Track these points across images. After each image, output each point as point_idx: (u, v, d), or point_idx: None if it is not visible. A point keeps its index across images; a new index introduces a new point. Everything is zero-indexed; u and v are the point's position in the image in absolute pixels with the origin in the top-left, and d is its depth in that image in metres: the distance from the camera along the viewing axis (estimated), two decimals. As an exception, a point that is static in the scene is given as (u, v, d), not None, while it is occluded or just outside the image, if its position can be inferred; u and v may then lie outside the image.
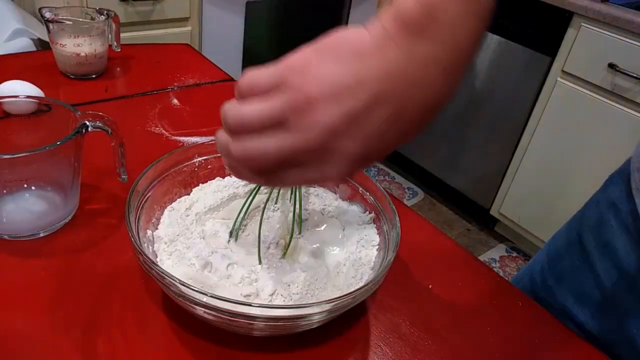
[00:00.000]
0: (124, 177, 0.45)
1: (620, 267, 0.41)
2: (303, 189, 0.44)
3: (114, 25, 0.69)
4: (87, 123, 0.40)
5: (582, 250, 0.45)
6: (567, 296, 0.46)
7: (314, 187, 0.46)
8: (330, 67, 0.24)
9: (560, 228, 0.51)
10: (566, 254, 0.47)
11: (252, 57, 1.50)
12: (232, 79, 0.75)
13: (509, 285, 0.45)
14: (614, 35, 1.23)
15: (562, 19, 1.32)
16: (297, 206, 0.41)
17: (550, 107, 1.40)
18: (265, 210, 0.41)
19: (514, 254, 1.65)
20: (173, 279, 0.31)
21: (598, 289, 0.43)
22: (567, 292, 0.46)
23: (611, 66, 1.24)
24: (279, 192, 0.43)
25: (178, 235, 0.39)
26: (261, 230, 0.39)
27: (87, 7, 0.79)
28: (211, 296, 0.30)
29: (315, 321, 0.33)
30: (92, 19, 0.67)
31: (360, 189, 0.44)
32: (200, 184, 0.44)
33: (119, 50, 0.72)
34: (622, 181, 0.43)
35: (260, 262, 0.38)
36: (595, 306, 0.43)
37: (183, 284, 0.30)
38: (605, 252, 0.43)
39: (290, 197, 0.43)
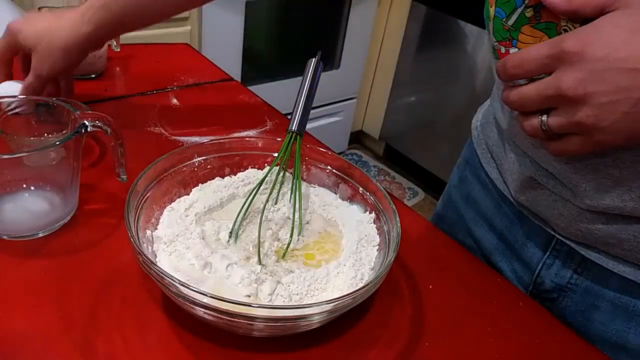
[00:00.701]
0: (123, 177, 0.45)
1: (481, 213, 0.51)
2: (303, 189, 0.44)
3: (113, 25, 0.68)
4: (87, 123, 0.40)
5: (454, 206, 0.55)
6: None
7: (314, 187, 0.46)
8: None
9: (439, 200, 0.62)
10: (443, 211, 0.58)
11: (252, 56, 1.50)
12: (231, 79, 0.75)
13: (509, 285, 0.45)
14: (614, 34, 1.22)
15: (562, 19, 1.32)
16: (297, 206, 0.41)
17: (550, 106, 1.39)
18: (265, 210, 0.41)
19: (514, 254, 1.65)
20: (172, 279, 0.31)
21: (469, 235, 0.52)
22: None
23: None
24: (278, 192, 0.43)
25: (177, 235, 0.38)
26: (261, 231, 0.39)
27: (86, 7, 0.79)
28: (211, 297, 0.30)
29: (315, 321, 0.33)
30: (92, 18, 0.67)
31: (361, 189, 0.44)
32: (200, 184, 0.44)
33: (119, 50, 0.72)
34: (470, 141, 0.54)
35: (260, 263, 0.38)
36: (468, 249, 0.50)
37: (182, 284, 0.30)
38: (468, 204, 0.53)
39: (291, 197, 0.43)
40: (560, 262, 0.43)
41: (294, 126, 0.43)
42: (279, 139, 0.46)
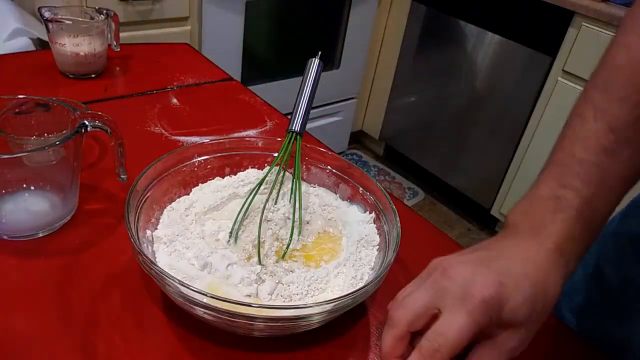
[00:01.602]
0: (123, 177, 0.45)
1: None
2: (303, 189, 0.44)
3: (113, 25, 0.69)
4: (87, 123, 0.40)
5: (602, 285, 0.44)
6: (587, 331, 0.44)
7: (314, 187, 0.46)
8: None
9: None
10: (584, 288, 0.45)
11: (252, 56, 1.50)
12: (231, 79, 0.75)
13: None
14: (614, 34, 1.22)
15: (563, 19, 1.32)
16: (297, 206, 0.41)
17: (550, 106, 1.40)
18: (265, 210, 0.40)
19: (514, 254, 1.65)
20: (172, 279, 0.31)
21: (620, 324, 0.41)
22: (589, 327, 0.44)
23: None
24: (278, 192, 0.43)
25: (177, 235, 0.38)
26: (261, 231, 0.39)
27: (86, 7, 0.79)
28: (211, 296, 0.30)
29: (315, 321, 0.33)
30: (92, 18, 0.67)
31: (361, 189, 0.44)
32: (200, 184, 0.44)
33: (119, 49, 0.72)
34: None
35: (260, 263, 0.37)
36: (617, 341, 0.42)
37: (182, 284, 0.30)
38: (627, 287, 0.41)
39: (291, 197, 0.43)
40: None
41: (294, 126, 0.43)
42: (278, 139, 0.46)
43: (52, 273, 0.38)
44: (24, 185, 0.42)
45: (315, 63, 0.44)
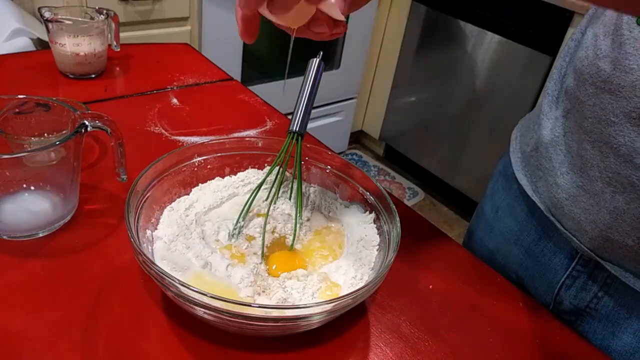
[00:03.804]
0: (123, 177, 0.45)
1: (508, 227, 0.50)
2: (303, 189, 0.44)
3: (113, 25, 0.69)
4: (87, 123, 0.40)
5: (484, 217, 0.55)
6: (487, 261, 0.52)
7: (314, 187, 0.46)
8: None
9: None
10: (476, 224, 0.57)
11: (252, 56, 1.50)
12: (231, 79, 0.75)
13: (509, 285, 0.45)
14: None
15: (563, 19, 1.32)
16: (298, 206, 0.41)
17: (550, 106, 1.40)
18: (266, 209, 0.40)
19: (514, 254, 1.65)
20: (172, 279, 0.31)
21: (499, 250, 0.51)
22: (487, 257, 0.54)
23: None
24: (278, 192, 0.43)
25: (177, 235, 0.39)
26: (261, 230, 0.39)
27: (86, 7, 0.79)
28: (211, 297, 0.30)
29: (315, 321, 0.33)
30: (92, 18, 0.67)
31: (361, 189, 0.44)
32: (200, 184, 0.44)
33: (119, 49, 0.72)
34: (507, 153, 0.53)
35: (262, 261, 0.38)
36: (500, 263, 0.52)
37: (182, 285, 0.30)
38: (498, 217, 0.52)
39: (291, 197, 0.43)
40: (581, 283, 0.42)
41: (295, 126, 0.43)
42: (279, 139, 0.46)
43: (52, 273, 0.38)
44: (24, 185, 0.42)
45: (316, 63, 0.44)
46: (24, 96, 0.45)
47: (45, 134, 0.46)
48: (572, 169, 0.40)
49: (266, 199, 0.42)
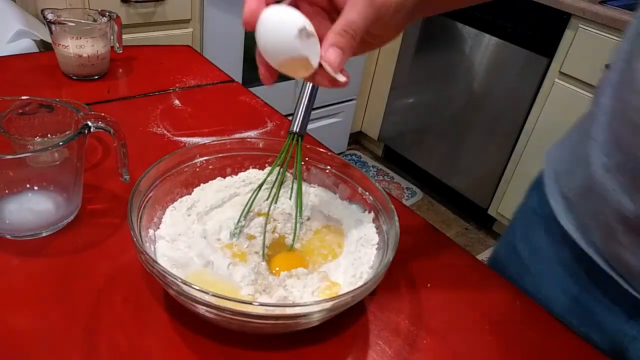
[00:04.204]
0: (126, 177, 0.46)
1: (551, 270, 0.44)
2: (303, 189, 0.44)
3: (116, 27, 0.69)
4: (90, 123, 0.41)
5: (519, 259, 0.48)
6: None
7: (314, 187, 0.47)
8: None
9: (497, 244, 0.54)
10: (508, 263, 0.50)
11: (253, 58, 1.50)
12: (232, 80, 0.76)
13: (507, 284, 0.45)
14: (611, 36, 1.23)
15: (560, 21, 1.33)
16: (298, 206, 0.42)
17: (547, 108, 1.40)
18: (267, 209, 0.41)
19: (513, 255, 1.66)
20: (175, 278, 0.31)
21: (538, 292, 0.45)
22: None
23: (608, 67, 1.24)
24: (278, 192, 0.44)
25: (179, 234, 0.39)
26: (261, 230, 0.40)
27: (89, 9, 0.80)
28: (212, 295, 0.30)
29: (315, 320, 0.33)
30: (94, 20, 0.68)
31: (360, 188, 0.44)
32: (202, 184, 0.45)
33: (121, 51, 0.72)
34: (539, 190, 0.46)
35: (264, 260, 0.38)
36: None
37: (185, 283, 0.31)
38: (537, 259, 0.46)
39: (291, 197, 0.43)
40: None
41: (295, 127, 0.43)
42: (279, 140, 0.46)
43: (55, 272, 0.39)
44: (28, 186, 0.43)
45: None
46: (28, 97, 0.45)
47: (49, 135, 0.47)
48: None
49: (267, 199, 0.43)
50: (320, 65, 0.32)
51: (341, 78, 0.33)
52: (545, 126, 1.42)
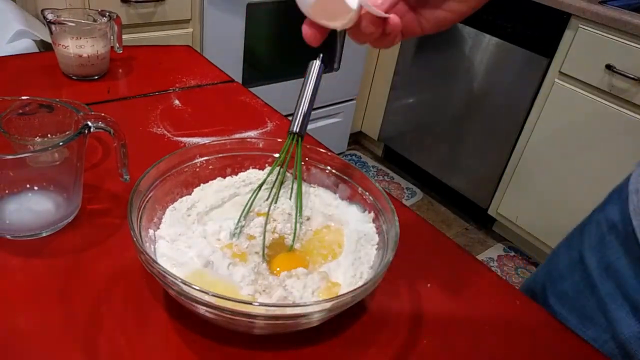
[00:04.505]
0: (126, 177, 0.46)
1: (623, 290, 0.41)
2: (303, 189, 0.45)
3: (116, 27, 0.69)
4: (90, 124, 0.41)
5: (585, 271, 0.45)
6: (569, 317, 0.45)
7: (314, 187, 0.47)
8: None
9: (560, 244, 0.50)
10: (568, 274, 0.47)
11: (253, 58, 1.50)
12: (232, 80, 0.76)
13: (507, 284, 0.45)
14: (611, 36, 1.23)
15: (560, 21, 1.33)
16: (298, 207, 0.42)
17: (547, 108, 1.40)
18: (267, 209, 0.41)
19: (512, 254, 1.66)
20: (175, 278, 0.31)
21: (601, 311, 0.42)
22: (569, 313, 0.46)
23: (608, 67, 1.24)
24: (278, 192, 0.44)
25: (180, 234, 0.39)
26: (262, 230, 0.40)
27: (89, 9, 0.79)
28: (212, 295, 0.30)
29: (315, 320, 0.33)
30: (94, 20, 0.68)
31: (360, 188, 0.44)
32: (202, 184, 0.45)
33: (121, 51, 0.72)
34: (621, 201, 0.43)
35: (264, 260, 0.38)
36: (598, 329, 0.43)
37: (185, 283, 0.31)
38: (608, 275, 0.42)
39: (291, 197, 0.43)
40: None
41: (295, 128, 0.43)
42: (279, 140, 0.46)
43: (55, 272, 0.39)
44: (28, 186, 0.43)
45: (316, 65, 0.44)
46: (28, 97, 0.45)
47: (49, 135, 0.47)
48: None
49: (267, 199, 0.43)
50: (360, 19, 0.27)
51: (391, 17, 0.28)
52: (545, 126, 1.42)
